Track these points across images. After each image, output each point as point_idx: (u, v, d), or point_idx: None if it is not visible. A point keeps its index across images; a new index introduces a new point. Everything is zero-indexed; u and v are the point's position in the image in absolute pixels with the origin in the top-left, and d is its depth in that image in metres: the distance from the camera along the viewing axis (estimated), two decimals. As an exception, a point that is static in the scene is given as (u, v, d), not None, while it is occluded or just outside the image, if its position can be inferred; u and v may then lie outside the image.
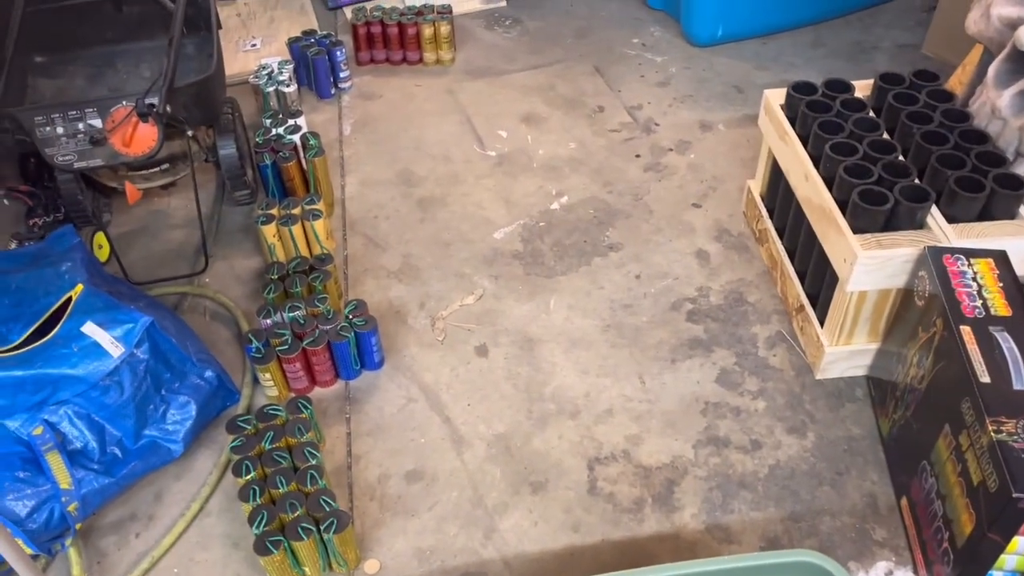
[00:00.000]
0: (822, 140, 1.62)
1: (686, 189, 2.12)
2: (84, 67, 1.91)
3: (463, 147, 2.29)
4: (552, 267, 1.94)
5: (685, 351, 1.74)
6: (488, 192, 2.15)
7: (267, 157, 1.97)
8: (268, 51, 2.59)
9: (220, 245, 2.02)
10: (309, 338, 1.63)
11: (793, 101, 1.75)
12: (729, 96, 2.40)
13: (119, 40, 1.92)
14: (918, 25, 2.62)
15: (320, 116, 2.40)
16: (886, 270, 1.47)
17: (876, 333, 1.61)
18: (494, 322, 1.82)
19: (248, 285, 1.93)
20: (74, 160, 1.62)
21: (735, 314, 1.81)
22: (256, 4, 2.84)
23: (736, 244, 1.97)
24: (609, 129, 2.32)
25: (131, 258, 1.98)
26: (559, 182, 2.16)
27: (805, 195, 1.66)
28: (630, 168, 2.19)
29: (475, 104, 2.43)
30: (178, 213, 2.12)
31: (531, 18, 2.77)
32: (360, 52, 2.55)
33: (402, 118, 2.39)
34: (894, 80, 1.73)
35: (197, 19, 1.91)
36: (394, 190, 2.16)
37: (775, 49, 2.57)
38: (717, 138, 2.27)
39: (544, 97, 2.44)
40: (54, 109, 1.60)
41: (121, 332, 1.46)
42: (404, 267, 1.95)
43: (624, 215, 2.06)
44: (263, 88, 2.30)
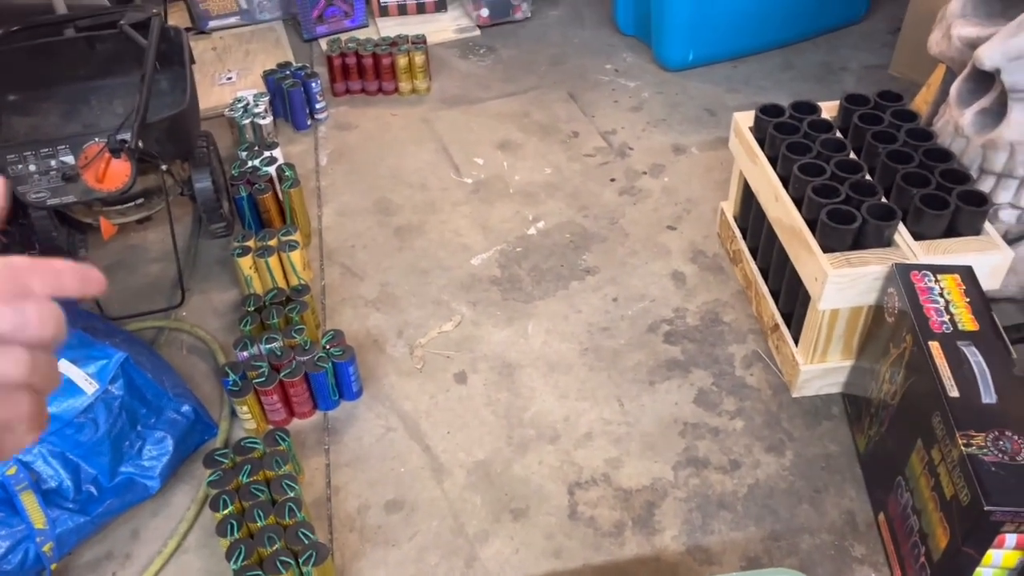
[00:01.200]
0: (790, 161, 1.64)
1: (661, 212, 2.14)
2: (58, 104, 1.91)
3: (440, 175, 2.30)
4: (530, 292, 1.95)
5: (663, 372, 1.75)
6: (465, 219, 2.16)
7: (243, 189, 1.97)
8: (244, 84, 2.61)
9: (197, 278, 2.02)
10: (286, 369, 1.63)
11: (761, 123, 1.77)
12: (702, 119, 2.44)
13: (93, 77, 1.93)
14: (884, 46, 2.67)
15: (296, 147, 2.41)
16: (856, 288, 1.49)
17: (850, 350, 1.62)
18: (472, 348, 1.82)
19: (225, 318, 1.92)
20: (47, 197, 1.62)
21: (711, 334, 1.82)
22: (231, 38, 2.86)
23: (711, 265, 1.99)
24: (584, 154, 2.34)
25: (107, 293, 1.97)
26: (535, 207, 2.18)
27: (776, 216, 1.68)
28: (605, 192, 2.21)
29: (451, 132, 2.45)
30: (154, 247, 2.11)
31: (505, 47, 2.80)
32: (336, 83, 2.57)
33: (379, 147, 2.41)
34: (859, 101, 1.76)
35: (171, 54, 1.92)
36: (371, 219, 2.17)
37: (745, 72, 2.61)
38: (691, 161, 2.30)
39: (519, 124, 2.46)
40: (26, 147, 1.60)
41: (95, 368, 1.45)
42: (382, 296, 1.96)
43: (600, 239, 2.08)
44: (238, 121, 2.31)
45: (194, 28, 2.88)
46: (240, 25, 2.91)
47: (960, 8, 1.70)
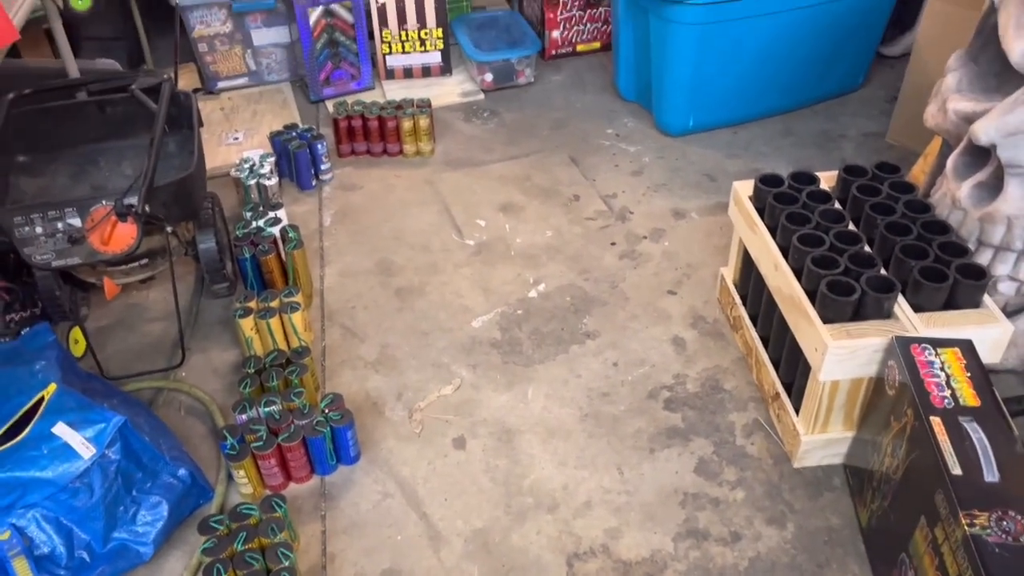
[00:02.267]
0: (790, 231, 1.66)
1: (661, 276, 2.15)
2: (67, 165, 1.94)
3: (442, 236, 2.32)
4: (530, 355, 1.95)
5: (663, 440, 1.74)
6: (466, 280, 2.17)
7: (247, 250, 1.99)
8: (250, 144, 2.65)
9: (198, 338, 2.02)
10: (284, 434, 1.62)
11: (761, 193, 1.79)
12: (702, 185, 2.47)
13: (102, 139, 1.96)
14: (882, 115, 2.71)
15: (301, 207, 2.44)
16: (857, 359, 1.49)
17: (851, 421, 1.61)
18: (472, 413, 1.81)
19: (225, 378, 1.92)
20: (52, 259, 1.63)
21: (712, 402, 1.82)
22: (240, 98, 2.91)
23: (711, 331, 1.99)
24: (585, 217, 2.36)
25: (108, 352, 1.98)
26: (536, 270, 2.19)
27: (776, 284, 1.69)
28: (606, 256, 2.23)
29: (454, 194, 2.48)
30: (156, 306, 2.12)
31: (508, 110, 2.84)
32: (341, 144, 2.61)
33: (382, 209, 2.43)
34: (857, 172, 1.78)
35: (180, 118, 1.96)
36: (373, 280, 2.18)
37: (745, 138, 2.65)
38: (691, 226, 2.31)
39: (521, 187, 2.49)
40: (33, 209, 1.62)
41: (93, 432, 1.44)
42: (382, 357, 1.96)
43: (601, 302, 2.08)
44: (244, 181, 2.34)
45: (204, 88, 2.93)
46: (249, 86, 2.96)
47: (956, 83, 1.74)
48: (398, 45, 2.87)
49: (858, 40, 2.64)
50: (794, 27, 2.47)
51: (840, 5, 2.47)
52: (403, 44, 2.87)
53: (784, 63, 2.56)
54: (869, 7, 2.54)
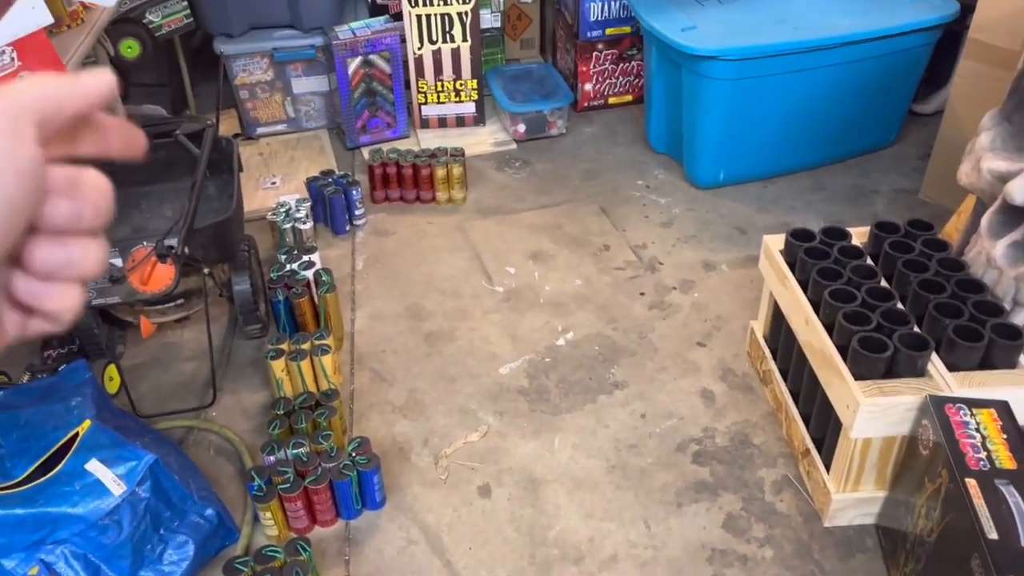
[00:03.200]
0: (821, 286, 1.66)
1: (690, 328, 2.15)
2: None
3: (472, 282, 2.34)
4: (557, 404, 1.94)
5: (691, 494, 1.72)
6: (495, 327, 2.18)
7: (280, 293, 2.02)
8: (287, 188, 2.70)
9: (229, 378, 2.04)
10: (311, 476, 1.63)
11: (792, 247, 1.79)
12: (732, 237, 2.47)
13: (145, 182, 2.02)
14: (914, 171, 2.71)
15: (334, 251, 2.48)
16: (889, 417, 1.47)
17: (883, 480, 1.59)
18: (498, 460, 1.81)
19: (255, 419, 1.94)
20: (93, 297, 1.67)
21: (741, 456, 1.80)
22: (278, 144, 2.98)
23: (741, 384, 1.98)
24: (614, 267, 2.37)
25: (141, 390, 2.00)
26: (565, 318, 2.20)
27: (806, 339, 1.68)
28: (635, 306, 2.23)
29: (485, 241, 2.50)
30: (190, 345, 2.15)
31: (540, 160, 2.88)
32: (375, 191, 2.65)
33: (414, 254, 2.46)
34: (890, 228, 1.78)
35: (221, 162, 2.01)
36: (403, 324, 2.20)
37: (775, 192, 2.66)
38: (720, 278, 2.31)
39: (551, 235, 2.51)
40: (78, 248, 1.66)
41: (124, 470, 1.46)
42: (409, 402, 1.96)
43: (629, 352, 2.08)
44: (280, 225, 2.38)
45: (243, 133, 3.01)
46: (287, 132, 3.03)
47: (990, 142, 1.74)
48: (433, 95, 2.94)
49: (891, 97, 2.66)
50: (827, 84, 2.49)
51: (873, 63, 2.49)
52: (439, 94, 2.94)
53: (816, 119, 2.58)
54: (902, 65, 2.56)
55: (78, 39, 1.80)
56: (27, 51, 1.47)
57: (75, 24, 1.82)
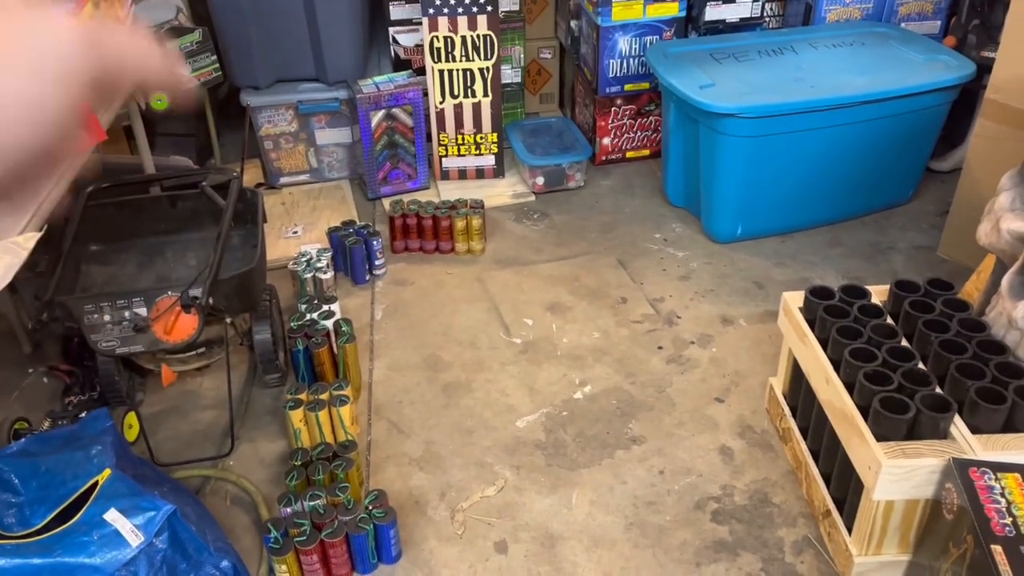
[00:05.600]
0: (841, 345, 1.65)
1: (709, 383, 2.14)
2: (135, 255, 2.03)
3: (489, 333, 2.35)
4: (575, 459, 1.93)
5: (710, 554, 1.69)
6: (512, 379, 2.18)
7: (300, 342, 2.03)
8: (309, 238, 2.74)
9: (247, 427, 2.05)
10: (328, 529, 1.62)
11: (811, 305, 1.80)
12: (750, 292, 2.47)
13: (170, 232, 2.05)
14: (932, 228, 2.72)
15: (354, 301, 2.50)
16: (912, 480, 1.45)
17: (906, 544, 1.56)
18: (515, 516, 1.80)
19: (271, 469, 1.93)
20: (116, 346, 1.69)
21: (760, 516, 1.78)
22: (300, 193, 3.03)
23: (760, 442, 1.96)
24: (632, 320, 2.38)
25: (159, 438, 2.01)
26: (582, 371, 2.20)
27: (826, 398, 1.67)
28: (653, 359, 2.23)
29: (502, 292, 2.52)
30: (209, 394, 2.16)
31: (558, 212, 2.91)
32: (395, 241, 2.68)
33: (432, 304, 2.48)
34: (910, 288, 1.78)
35: (245, 213, 2.04)
36: (420, 375, 2.20)
37: (793, 247, 2.67)
38: (739, 333, 2.31)
39: (569, 287, 2.52)
40: (103, 298, 1.69)
41: (143, 520, 1.46)
42: (426, 454, 1.96)
43: (647, 407, 2.07)
44: (301, 274, 2.41)
45: (266, 183, 3.06)
46: (309, 182, 3.08)
47: (1009, 203, 1.74)
48: (454, 148, 2.98)
49: (908, 155, 2.68)
50: (844, 141, 2.52)
51: (890, 122, 2.52)
52: (459, 147, 2.98)
53: (833, 175, 2.60)
54: (919, 124, 2.58)
55: (112, 94, 1.85)
56: (64, 107, 1.52)
57: (110, 79, 1.87)
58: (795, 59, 2.67)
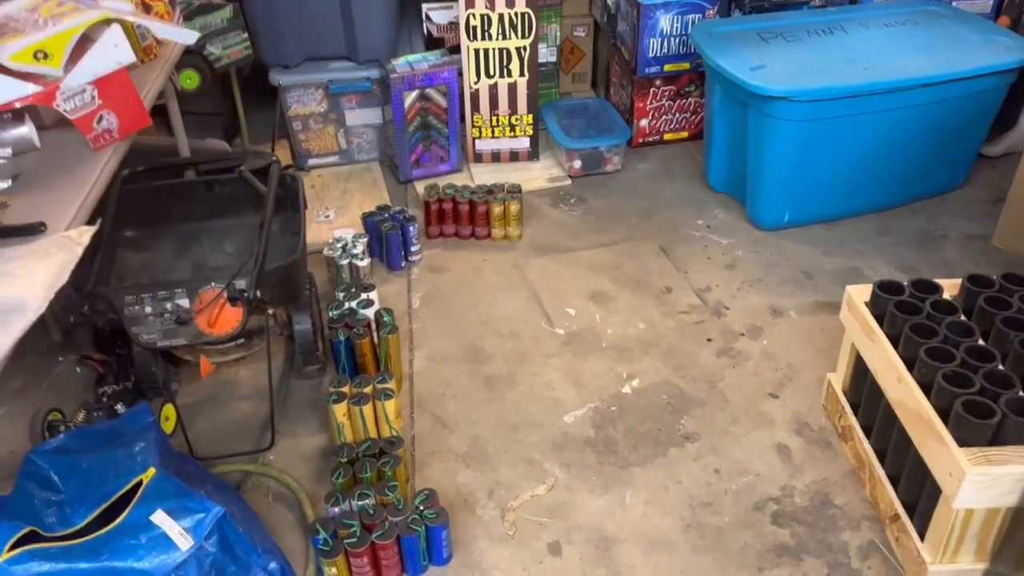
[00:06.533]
0: (915, 344, 1.58)
1: (761, 377, 2.07)
2: (171, 242, 1.96)
3: (531, 323, 2.28)
4: (626, 457, 1.87)
5: (772, 559, 1.63)
6: (557, 372, 2.12)
7: (341, 333, 1.97)
8: (341, 222, 2.66)
9: (286, 420, 1.99)
10: (378, 531, 1.56)
11: (880, 300, 1.72)
12: (799, 282, 2.39)
13: (207, 217, 1.98)
14: (984, 216, 2.63)
15: (390, 288, 2.43)
16: (997, 488, 1.39)
17: (984, 552, 1.50)
18: (567, 516, 1.74)
19: (313, 464, 1.88)
20: (158, 339, 1.63)
21: (823, 518, 1.71)
22: (330, 176, 2.95)
23: (818, 439, 1.89)
24: (678, 311, 2.30)
25: (197, 430, 1.95)
26: (629, 364, 2.13)
27: (898, 398, 1.60)
28: (702, 352, 2.16)
29: (542, 280, 2.44)
30: (246, 383, 2.10)
31: (595, 197, 2.83)
32: (431, 226, 2.61)
33: (470, 292, 2.41)
34: (983, 283, 1.70)
35: (285, 199, 1.97)
36: (461, 367, 2.14)
37: (841, 235, 2.58)
38: (789, 325, 2.24)
39: (611, 276, 2.45)
40: (145, 289, 1.62)
41: (191, 523, 1.40)
42: (472, 450, 1.90)
43: (699, 403, 2.00)
44: (337, 260, 2.34)
45: (295, 165, 2.98)
46: (339, 164, 3.00)
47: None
48: (488, 130, 2.90)
49: (962, 140, 2.58)
50: (898, 126, 2.42)
51: (946, 105, 2.42)
52: (493, 129, 2.90)
53: (885, 161, 2.51)
54: (975, 108, 2.49)
55: (152, 74, 1.77)
56: (108, 90, 1.44)
57: (148, 59, 1.79)
58: (846, 39, 2.56)
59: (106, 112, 1.46)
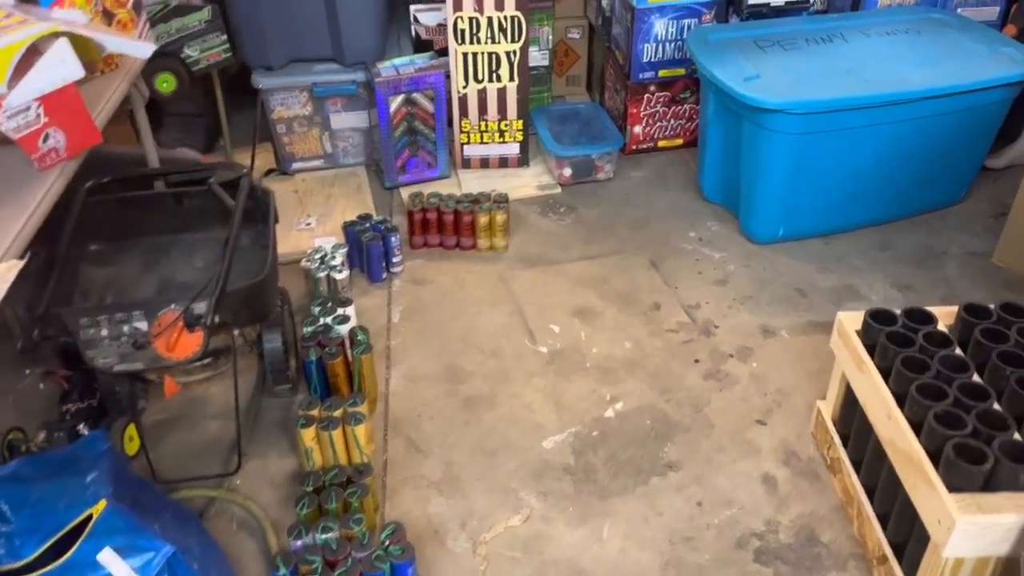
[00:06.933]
0: (906, 378, 1.50)
1: (749, 402, 2.00)
2: (138, 256, 1.89)
3: (513, 340, 2.21)
4: (606, 486, 1.80)
5: (753, 600, 1.56)
6: (538, 393, 2.04)
7: (313, 352, 1.90)
8: (322, 230, 2.59)
9: (256, 441, 1.92)
10: (341, 568, 1.50)
11: (871, 330, 1.64)
12: (792, 300, 2.31)
13: (175, 231, 1.91)
14: (986, 231, 2.54)
15: (370, 301, 2.36)
16: (988, 537, 1.31)
17: (974, 601, 1.42)
18: (542, 550, 1.67)
19: (281, 489, 1.81)
20: (114, 363, 1.56)
21: (808, 556, 1.64)
22: (314, 181, 2.88)
23: (805, 470, 1.82)
24: (666, 329, 2.23)
25: (163, 450, 1.89)
26: (614, 386, 2.06)
27: (888, 436, 1.53)
28: (689, 374, 2.08)
29: (527, 294, 2.37)
30: (216, 401, 2.04)
31: (586, 206, 2.75)
32: (414, 236, 2.53)
33: (452, 306, 2.33)
34: (980, 313, 1.62)
35: (256, 212, 1.90)
36: (439, 387, 2.07)
37: (838, 250, 2.50)
38: (780, 345, 2.16)
39: (598, 290, 2.37)
40: (101, 311, 1.55)
41: (140, 562, 1.34)
42: (446, 477, 1.83)
43: (683, 428, 1.93)
44: (314, 273, 2.27)
45: (278, 168, 2.91)
46: (323, 168, 2.93)
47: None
48: (477, 135, 2.82)
49: (964, 153, 2.50)
50: (898, 139, 2.34)
51: (949, 118, 2.34)
52: (482, 135, 2.82)
53: (884, 175, 2.43)
54: (979, 121, 2.40)
55: (113, 84, 1.70)
56: (55, 107, 1.37)
57: (110, 69, 1.72)
58: (845, 48, 2.48)
59: (53, 130, 1.39)
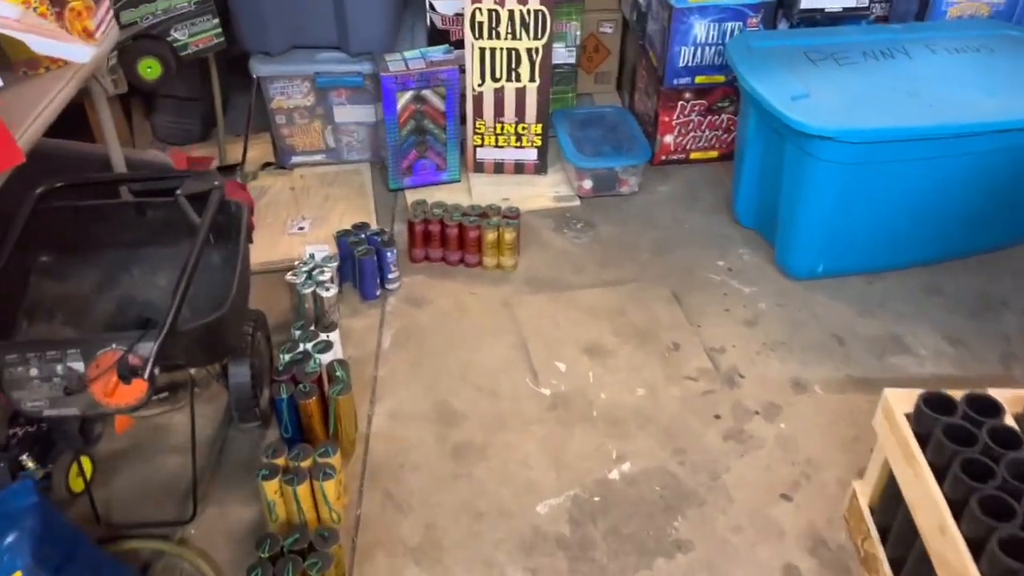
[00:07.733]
0: (965, 486, 1.26)
1: (774, 472, 1.76)
2: (95, 270, 1.69)
3: (513, 379, 1.99)
4: (604, 566, 1.58)
5: None
6: (537, 444, 1.83)
7: (284, 389, 1.69)
8: (316, 236, 2.37)
9: (217, 483, 1.73)
10: (289, 663, 1.30)
11: (924, 417, 1.40)
12: (828, 348, 2.07)
13: (138, 244, 1.70)
14: (1053, 279, 2.27)
15: (359, 321, 2.14)
16: None
17: None
18: (525, 642, 1.46)
19: (239, 544, 1.61)
20: (44, 407, 1.36)
21: (832, 673, 1.42)
22: (313, 177, 2.66)
23: (835, 562, 1.59)
24: (685, 375, 1.99)
25: (114, 487, 1.70)
26: (622, 441, 1.83)
27: (939, 550, 1.29)
28: (707, 433, 1.85)
29: (533, 323, 2.14)
30: (178, 431, 1.84)
31: (605, 222, 2.50)
32: (414, 248, 2.31)
33: (450, 333, 2.11)
34: (1058, 408, 1.37)
35: (228, 227, 1.68)
36: (427, 430, 1.86)
37: (882, 291, 2.24)
38: (813, 403, 1.92)
39: (612, 324, 2.14)
40: (31, 348, 1.35)
41: (48, 658, 1.15)
42: (425, 543, 1.62)
43: (697, 500, 1.71)
44: (300, 288, 2.05)
45: (276, 162, 2.69)
46: (325, 163, 2.71)
47: None
48: (491, 138, 2.58)
49: (1032, 191, 2.22)
50: (961, 173, 2.07)
51: (1013, 154, 2.06)
52: (497, 137, 2.58)
53: (940, 210, 2.16)
54: (1053, 157, 2.12)
55: (58, 84, 1.48)
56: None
57: (55, 67, 1.51)
58: (908, 65, 2.20)
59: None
